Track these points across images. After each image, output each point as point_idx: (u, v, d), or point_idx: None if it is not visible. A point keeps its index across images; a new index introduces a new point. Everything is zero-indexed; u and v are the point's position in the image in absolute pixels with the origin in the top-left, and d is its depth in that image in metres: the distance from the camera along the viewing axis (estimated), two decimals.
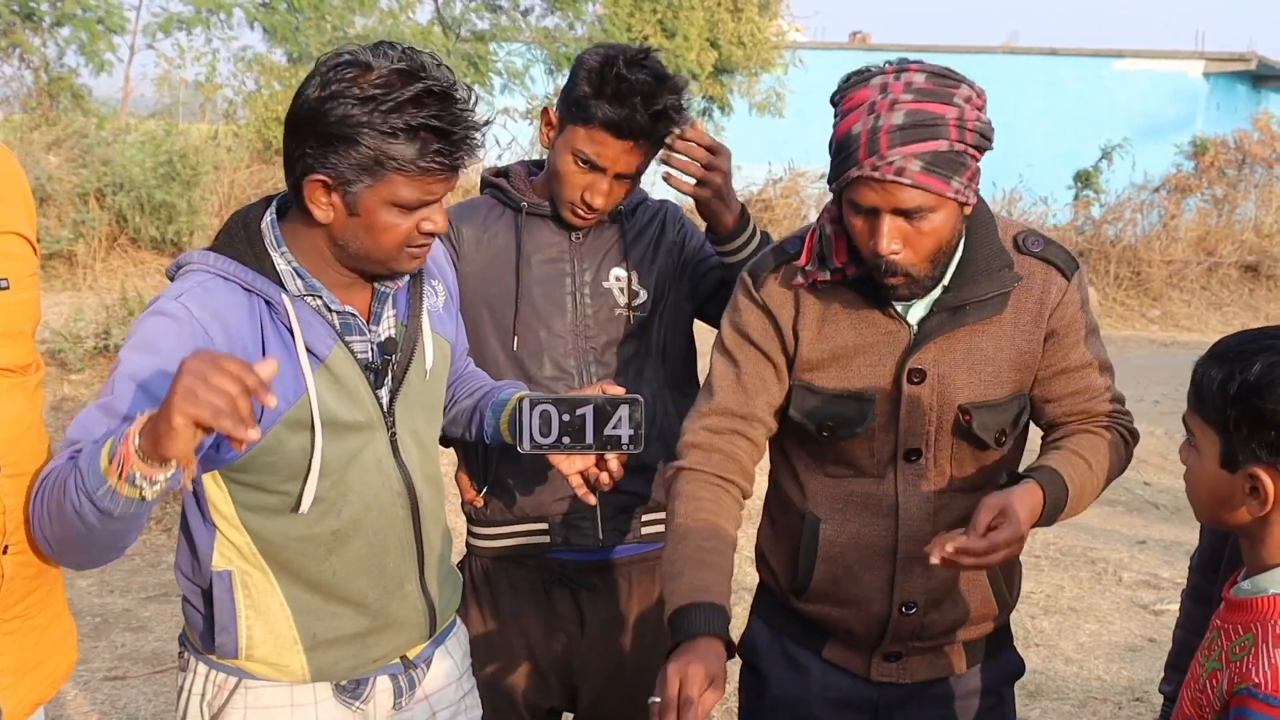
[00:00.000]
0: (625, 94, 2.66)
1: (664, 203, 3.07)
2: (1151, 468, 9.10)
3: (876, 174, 2.23)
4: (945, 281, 2.42)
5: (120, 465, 1.83)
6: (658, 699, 2.14)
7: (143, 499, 1.86)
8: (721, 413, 2.54)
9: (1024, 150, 19.76)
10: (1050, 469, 2.39)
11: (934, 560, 2.23)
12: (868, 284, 2.42)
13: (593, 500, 2.53)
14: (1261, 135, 21.11)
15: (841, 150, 2.30)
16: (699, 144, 2.76)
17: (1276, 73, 27.44)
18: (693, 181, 2.77)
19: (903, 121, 2.23)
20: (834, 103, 2.37)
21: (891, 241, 2.28)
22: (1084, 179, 20.51)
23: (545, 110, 2.86)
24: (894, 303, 2.43)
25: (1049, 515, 2.37)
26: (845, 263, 2.42)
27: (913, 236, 2.29)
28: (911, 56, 2.42)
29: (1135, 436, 2.59)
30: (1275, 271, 19.22)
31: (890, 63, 2.34)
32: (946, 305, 2.42)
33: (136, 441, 1.82)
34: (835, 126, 2.33)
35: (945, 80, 2.29)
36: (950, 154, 2.25)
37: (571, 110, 2.74)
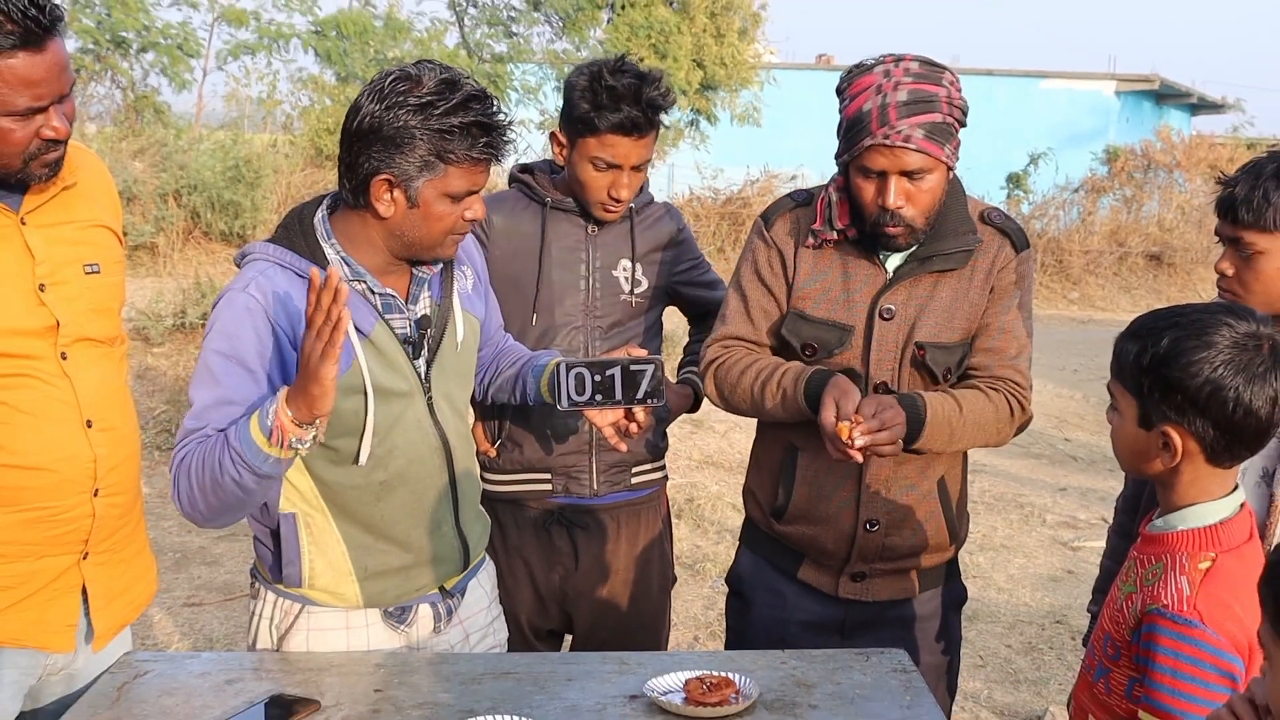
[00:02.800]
0: (619, 99, 2.67)
1: (667, 206, 3.07)
2: (1071, 426, 9.11)
3: (888, 141, 2.34)
4: (920, 238, 2.50)
5: (280, 436, 1.96)
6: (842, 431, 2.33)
7: (295, 456, 2.02)
8: (732, 337, 2.65)
9: (963, 156, 19.41)
10: (915, 394, 2.45)
11: (856, 447, 2.31)
12: (860, 240, 2.51)
13: (624, 448, 2.54)
14: (1163, 145, 21.18)
15: (854, 126, 2.39)
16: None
17: (1175, 92, 27.42)
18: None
19: (906, 98, 2.34)
20: (840, 91, 2.46)
21: (898, 198, 2.39)
22: (1015, 181, 20.51)
23: (553, 134, 2.84)
24: (878, 252, 2.51)
25: (908, 431, 2.40)
26: (846, 225, 2.51)
27: (914, 194, 2.40)
28: None
29: (1025, 411, 2.58)
30: (1175, 260, 19.27)
31: (885, 55, 2.43)
32: (918, 256, 2.51)
33: (289, 414, 1.95)
34: (845, 109, 2.42)
35: (933, 67, 2.41)
36: (943, 124, 2.37)
37: (578, 127, 2.73)
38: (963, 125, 2.43)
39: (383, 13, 17.45)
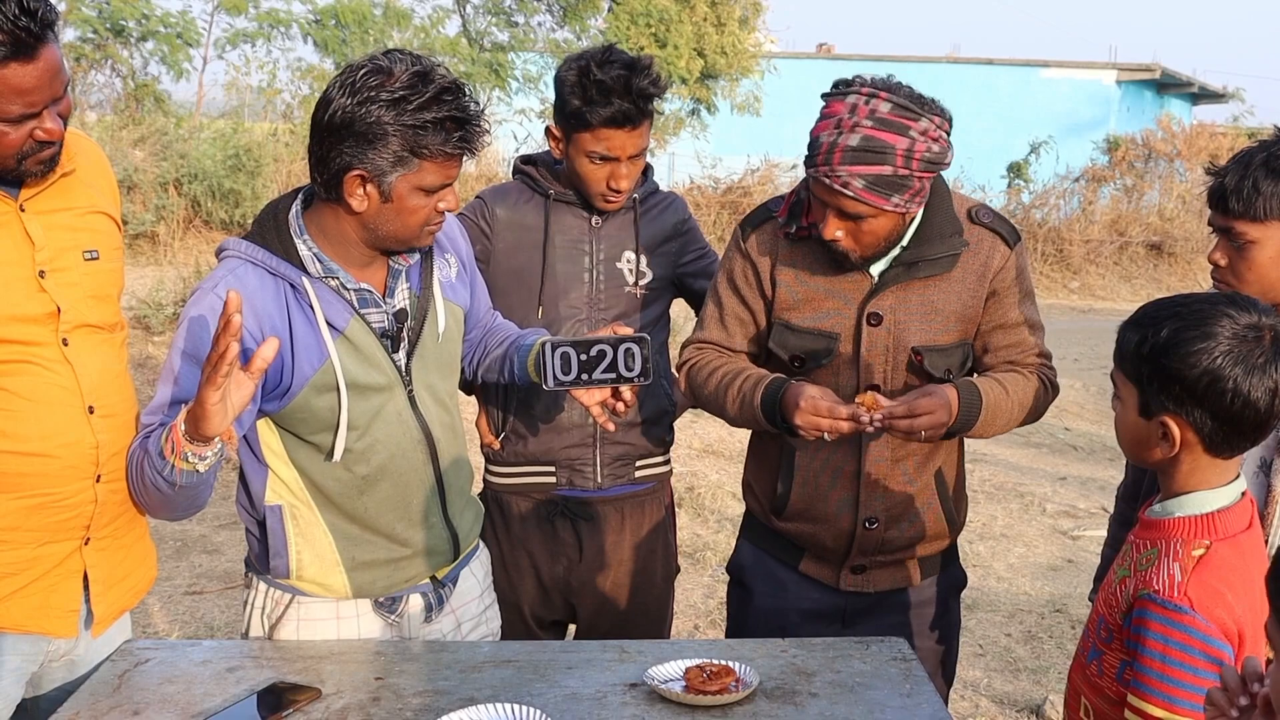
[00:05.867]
0: (608, 92, 2.63)
1: (672, 196, 3.05)
2: (1071, 415, 9.11)
3: (826, 180, 2.29)
4: (905, 242, 2.45)
5: (174, 448, 1.98)
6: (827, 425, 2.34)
7: (198, 471, 2.01)
8: (706, 342, 2.65)
9: (964, 146, 19.47)
10: (969, 381, 2.45)
11: (870, 427, 2.31)
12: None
13: (612, 427, 2.51)
14: (1164, 134, 21.17)
15: (810, 149, 2.34)
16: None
17: (1176, 81, 27.40)
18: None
19: (856, 144, 2.26)
20: (823, 98, 2.39)
21: (835, 230, 2.35)
22: (1015, 170, 20.49)
23: (548, 128, 2.82)
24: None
25: (964, 414, 2.39)
26: (812, 221, 2.47)
27: (854, 231, 2.35)
28: (873, 66, 2.42)
29: (1055, 387, 2.61)
30: (1176, 249, 19.27)
31: (868, 83, 2.32)
32: (903, 261, 2.46)
33: (183, 429, 1.96)
34: (815, 124, 2.36)
35: (907, 112, 2.28)
36: (894, 178, 2.27)
37: (571, 122, 2.70)
38: (934, 172, 2.35)
39: (382, 1, 17.43)
